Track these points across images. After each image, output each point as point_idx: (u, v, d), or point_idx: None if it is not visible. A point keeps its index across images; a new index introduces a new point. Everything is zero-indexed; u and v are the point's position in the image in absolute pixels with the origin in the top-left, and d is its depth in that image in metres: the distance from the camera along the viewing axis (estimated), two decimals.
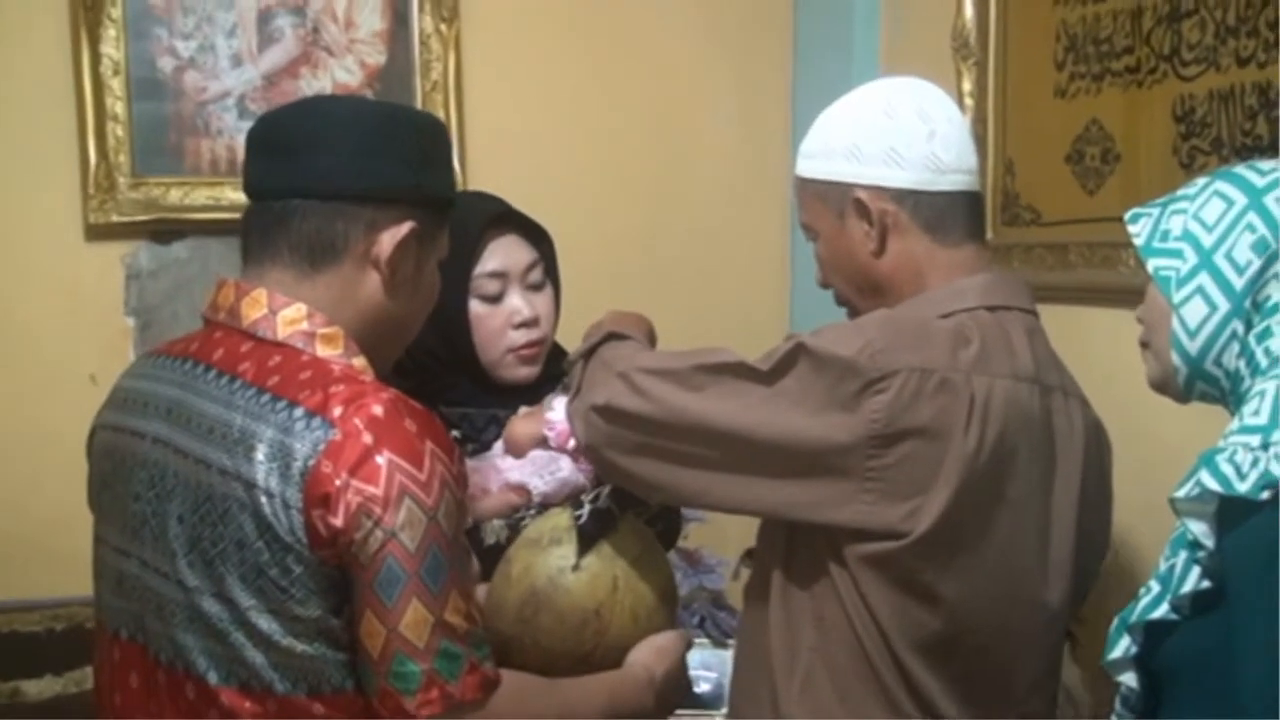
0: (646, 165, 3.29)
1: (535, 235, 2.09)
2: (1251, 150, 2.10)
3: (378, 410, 1.42)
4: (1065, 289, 2.53)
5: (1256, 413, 1.41)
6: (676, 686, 1.80)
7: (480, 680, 1.44)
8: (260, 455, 1.42)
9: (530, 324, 2.04)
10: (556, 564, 1.77)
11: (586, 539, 1.79)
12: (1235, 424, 1.43)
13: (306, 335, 1.50)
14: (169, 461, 1.50)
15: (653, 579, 1.81)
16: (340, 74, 3.04)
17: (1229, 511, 1.39)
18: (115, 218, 2.89)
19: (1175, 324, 1.52)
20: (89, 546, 1.68)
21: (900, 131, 1.73)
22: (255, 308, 1.52)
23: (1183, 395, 1.58)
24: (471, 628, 1.44)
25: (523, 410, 2.00)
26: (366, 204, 1.53)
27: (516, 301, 2.04)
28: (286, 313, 1.51)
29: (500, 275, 2.03)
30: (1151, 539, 2.36)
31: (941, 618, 1.63)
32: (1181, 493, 1.43)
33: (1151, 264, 1.55)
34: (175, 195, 2.94)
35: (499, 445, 1.99)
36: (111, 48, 2.86)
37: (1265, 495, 1.35)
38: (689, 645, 1.86)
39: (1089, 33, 2.47)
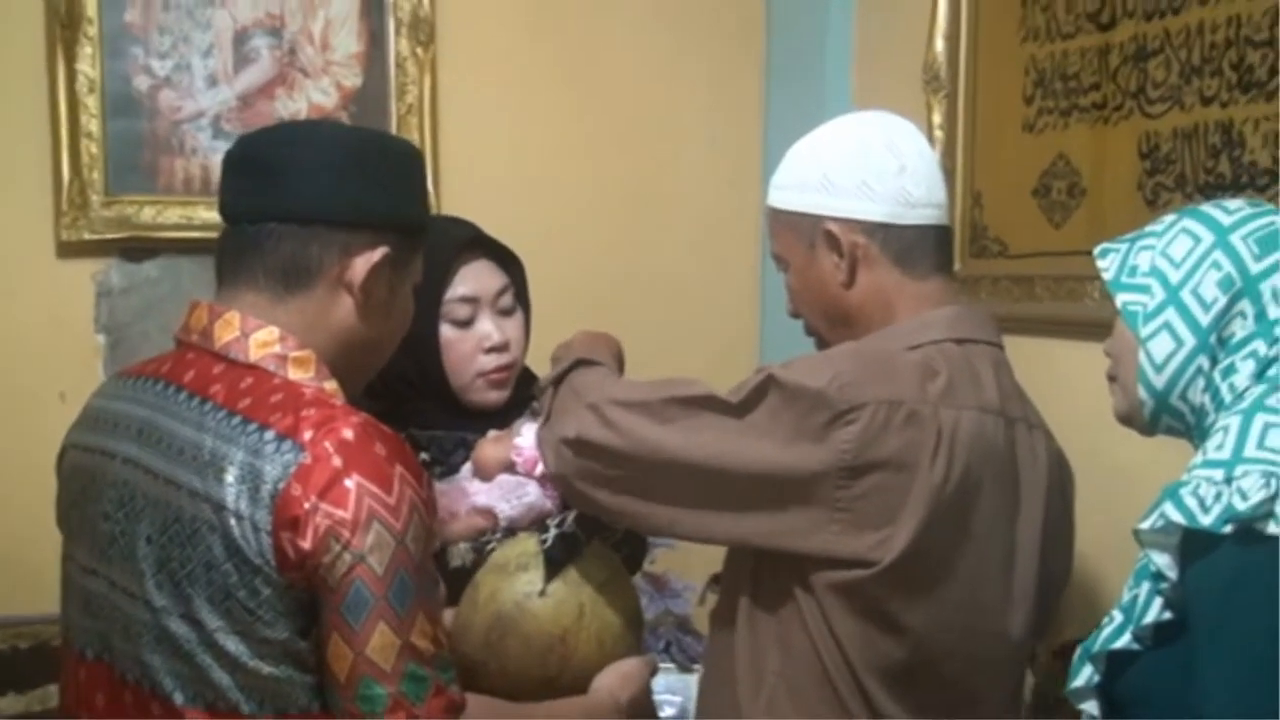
0: (620, 191, 3.31)
1: (506, 260, 2.10)
2: (1214, 188, 2.14)
3: (348, 434, 1.43)
4: (1031, 321, 2.55)
5: (1220, 447, 1.42)
6: (642, 711, 1.80)
7: (446, 703, 1.44)
8: (230, 477, 1.42)
9: (500, 349, 2.05)
10: (523, 589, 1.78)
11: (553, 565, 1.79)
12: (1199, 457, 1.45)
13: (278, 358, 1.51)
14: (139, 482, 1.50)
15: (619, 605, 1.82)
16: (316, 95, 3.05)
17: (1192, 544, 1.41)
18: (87, 235, 2.89)
19: (1142, 358, 1.55)
20: (56, 564, 1.68)
21: (872, 165, 1.75)
22: (228, 330, 1.53)
23: (1148, 428, 1.61)
24: (438, 651, 1.45)
25: (491, 434, 2.01)
26: (341, 228, 1.54)
27: (487, 326, 2.05)
28: (259, 335, 1.51)
29: (471, 300, 2.04)
30: (1113, 569, 2.39)
31: (906, 647, 1.65)
32: (1145, 524, 1.45)
33: (1120, 298, 1.57)
34: (148, 214, 2.94)
35: (467, 468, 2.00)
36: (87, 65, 2.86)
37: (1228, 529, 1.37)
38: (654, 670, 1.87)
39: (1057, 69, 2.51)
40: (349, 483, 1.40)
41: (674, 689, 2.68)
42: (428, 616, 1.44)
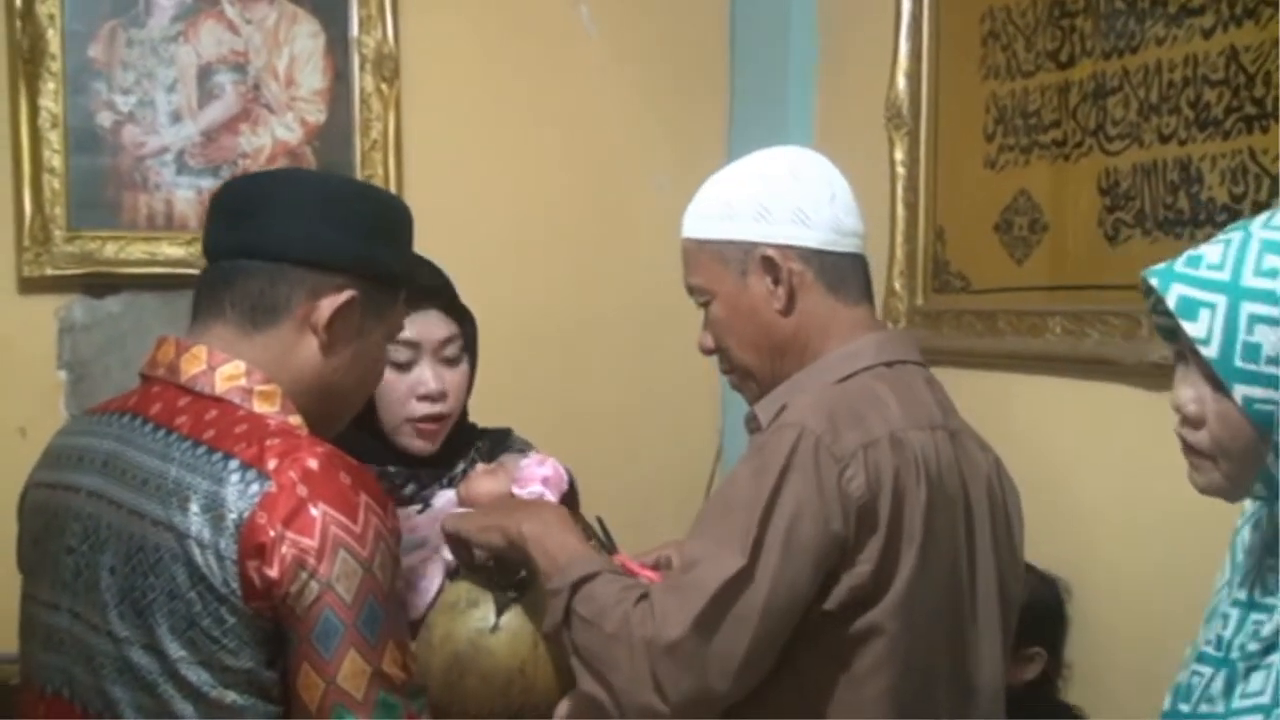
0: (583, 228, 3.32)
1: (460, 314, 2.09)
2: (1174, 223, 2.16)
3: (312, 464, 1.43)
4: (993, 355, 2.57)
5: None
6: None
7: None
8: (194, 506, 1.42)
9: (433, 398, 2.03)
10: (475, 626, 1.77)
11: (502, 599, 1.79)
12: None
13: (244, 391, 1.51)
14: (102, 513, 1.50)
15: None
16: (280, 131, 3.05)
17: None
18: (49, 271, 2.87)
19: (1271, 461, 1.31)
20: (11, 603, 1.66)
21: (807, 193, 1.76)
22: (194, 363, 1.53)
23: (1238, 499, 1.44)
24: (408, 679, 1.45)
25: (481, 467, 2.02)
26: (311, 269, 1.54)
27: (424, 373, 2.03)
28: (225, 369, 1.52)
29: (412, 345, 2.02)
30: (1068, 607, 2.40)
31: (896, 678, 1.65)
32: None
33: (1240, 392, 1.30)
34: (111, 249, 2.93)
35: (443, 500, 2.01)
36: (50, 101, 2.85)
37: None
38: None
39: (1018, 106, 2.54)
40: (315, 511, 1.40)
41: None
42: (397, 644, 1.44)
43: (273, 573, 1.38)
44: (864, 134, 2.89)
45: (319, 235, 1.54)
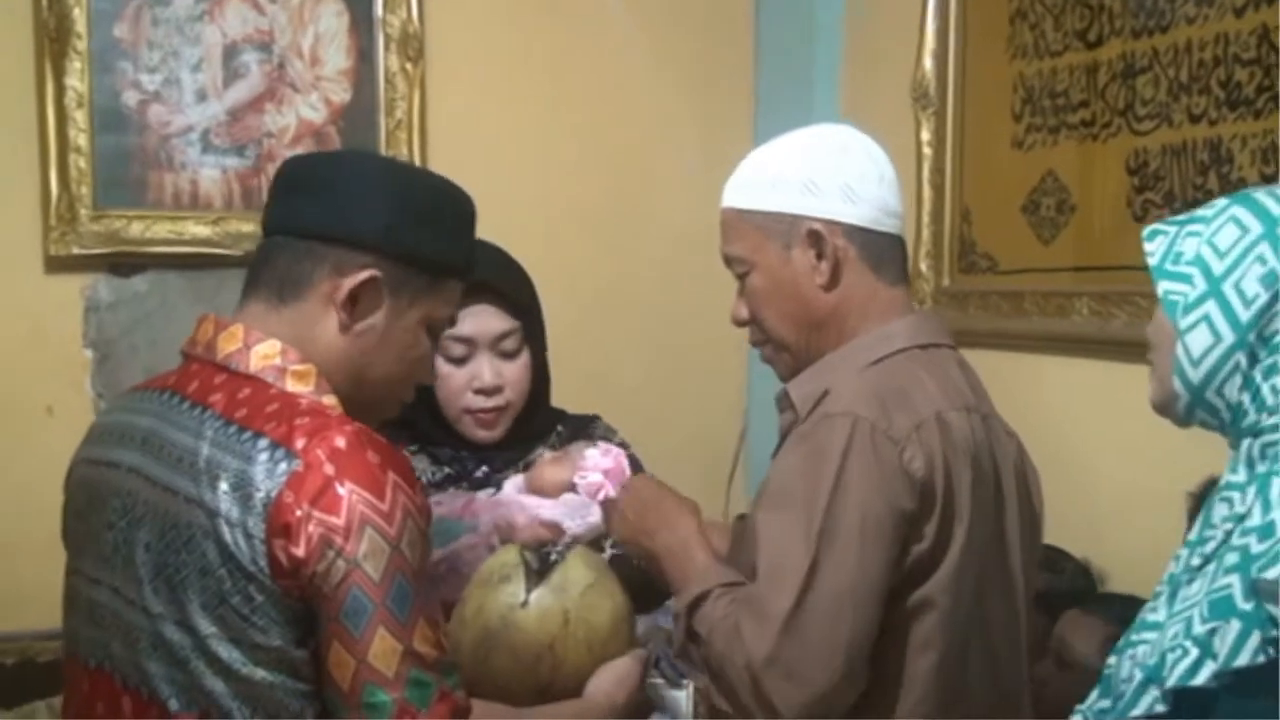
0: (609, 207, 3.31)
1: (518, 305, 2.10)
2: (1203, 204, 2.15)
3: (340, 442, 1.43)
4: (1020, 336, 2.56)
5: None
6: (638, 710, 1.81)
7: (451, 708, 1.44)
8: (224, 484, 1.43)
9: (488, 391, 2.07)
10: (506, 601, 1.78)
11: (533, 574, 1.80)
12: None
13: (278, 370, 1.52)
14: (140, 490, 1.51)
15: (605, 607, 1.82)
16: (305, 111, 3.05)
17: None
18: (76, 250, 2.88)
19: (1179, 350, 1.49)
20: (40, 579, 1.67)
21: (855, 169, 1.76)
22: (231, 342, 1.54)
23: (1182, 420, 1.55)
24: (441, 655, 1.45)
25: (548, 455, 2.08)
26: (335, 245, 1.54)
27: (480, 367, 2.07)
28: (260, 348, 1.52)
29: (467, 340, 2.06)
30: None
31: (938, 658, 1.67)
32: (1272, 574, 1.35)
33: (1161, 286, 1.51)
34: (136, 228, 2.94)
35: (512, 485, 2.06)
36: (76, 80, 2.86)
37: None
38: (649, 665, 1.87)
39: (1046, 86, 2.52)
40: (342, 490, 1.40)
41: (664, 705, 2.67)
42: (429, 621, 1.44)
43: (299, 551, 1.39)
44: (890, 114, 2.87)
45: (347, 212, 1.54)
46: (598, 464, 2.03)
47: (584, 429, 2.21)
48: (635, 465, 2.14)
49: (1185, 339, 1.47)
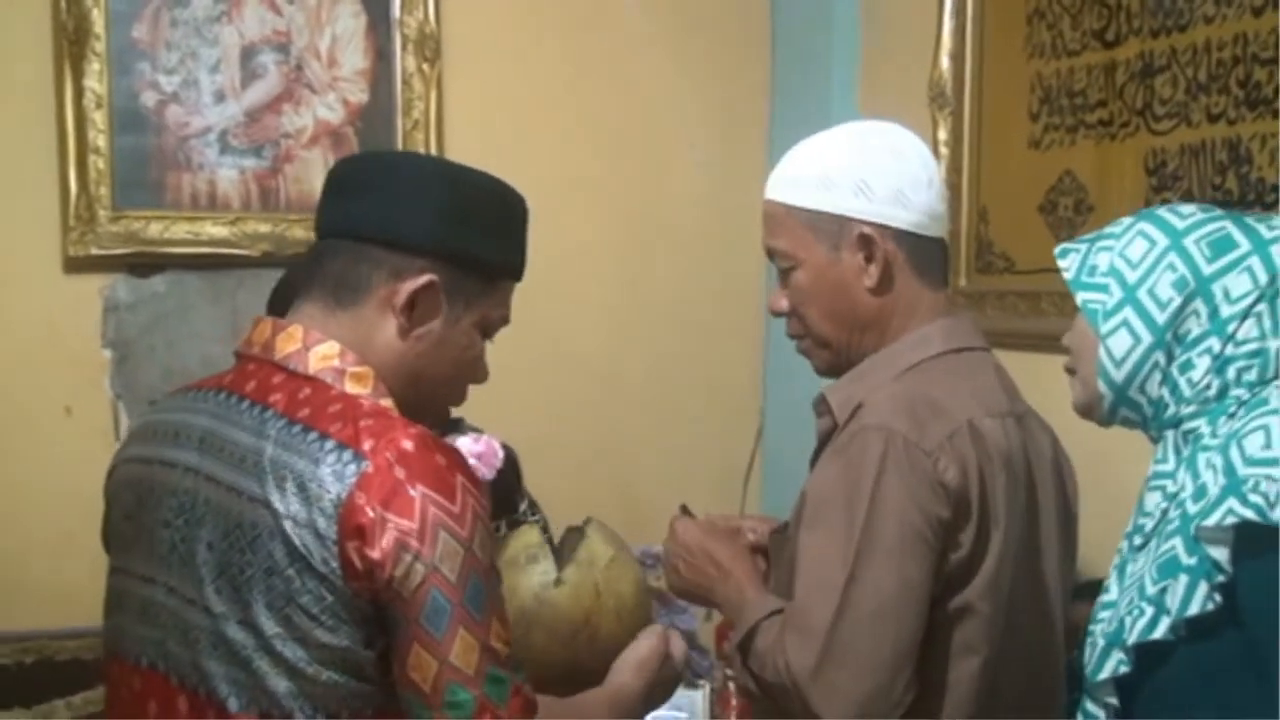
0: (625, 208, 3.32)
1: None
2: (1222, 204, 2.14)
3: (408, 445, 1.44)
4: (1037, 337, 2.55)
5: (1267, 446, 1.49)
6: (665, 684, 1.82)
7: (524, 703, 1.47)
8: (291, 485, 1.43)
9: None
10: (539, 580, 1.80)
11: (562, 552, 1.83)
12: (1238, 457, 1.50)
13: (337, 372, 1.52)
14: (200, 489, 1.51)
15: (629, 577, 1.86)
16: (323, 111, 3.06)
17: (1251, 540, 1.47)
18: (94, 250, 2.90)
19: (1101, 354, 1.62)
20: (57, 578, 1.67)
21: (908, 174, 1.76)
22: (290, 342, 1.54)
23: (1105, 420, 1.69)
24: (511, 652, 1.47)
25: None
26: (393, 250, 1.54)
27: None
28: (320, 349, 1.53)
29: None
30: None
31: (979, 668, 1.68)
32: (1211, 521, 1.49)
33: (1080, 296, 1.65)
34: (155, 229, 2.95)
35: None
36: (95, 81, 2.87)
37: None
38: (666, 640, 1.87)
39: (1063, 86, 2.51)
40: (413, 493, 1.41)
41: (679, 705, 2.67)
42: (500, 618, 1.46)
43: (375, 554, 1.40)
44: (907, 114, 2.85)
45: (402, 216, 1.54)
46: (470, 450, 2.13)
47: (455, 429, 2.25)
48: (509, 453, 2.17)
49: (1107, 343, 1.62)
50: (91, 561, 1.73)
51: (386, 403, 1.53)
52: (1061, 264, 1.69)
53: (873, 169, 1.75)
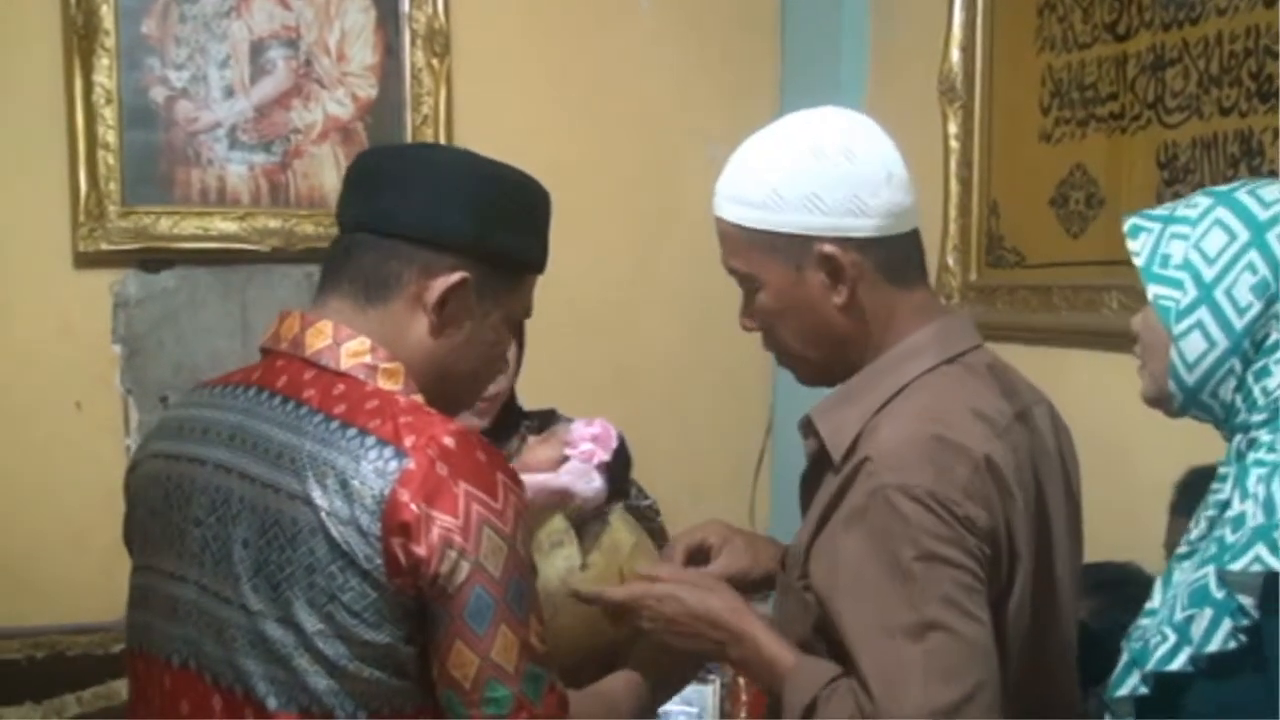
0: (634, 203, 3.32)
1: None
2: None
3: (449, 441, 1.43)
4: (1048, 331, 2.55)
5: None
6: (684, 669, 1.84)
7: (558, 700, 1.47)
8: (331, 481, 1.42)
9: None
10: (564, 565, 1.82)
11: (587, 537, 1.85)
12: (1279, 490, 1.43)
13: (369, 368, 1.51)
14: (233, 486, 1.49)
15: (649, 563, 1.86)
16: (332, 106, 3.06)
17: (1273, 590, 1.41)
18: (104, 246, 2.90)
19: (1174, 354, 1.53)
20: (68, 574, 1.66)
21: (862, 177, 1.61)
22: (320, 338, 1.53)
23: (1175, 415, 1.60)
24: (547, 650, 1.47)
25: (534, 439, 2.14)
26: (423, 247, 1.53)
27: None
28: (350, 345, 1.52)
29: None
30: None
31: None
32: (1237, 566, 1.43)
33: (1152, 290, 1.54)
34: (165, 224, 2.95)
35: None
36: (104, 77, 2.87)
37: None
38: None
39: (1074, 79, 2.50)
40: (457, 490, 1.41)
41: (689, 699, 2.67)
42: (538, 618, 1.47)
43: (420, 550, 1.39)
44: (917, 107, 2.86)
45: (434, 213, 1.53)
46: (583, 433, 2.11)
47: (550, 419, 2.24)
48: (620, 436, 2.17)
49: (1180, 344, 1.52)
50: (102, 556, 1.73)
51: (417, 398, 1.52)
52: (1132, 246, 1.56)
53: (822, 179, 1.61)
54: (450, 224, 1.54)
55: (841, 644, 1.56)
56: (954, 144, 2.82)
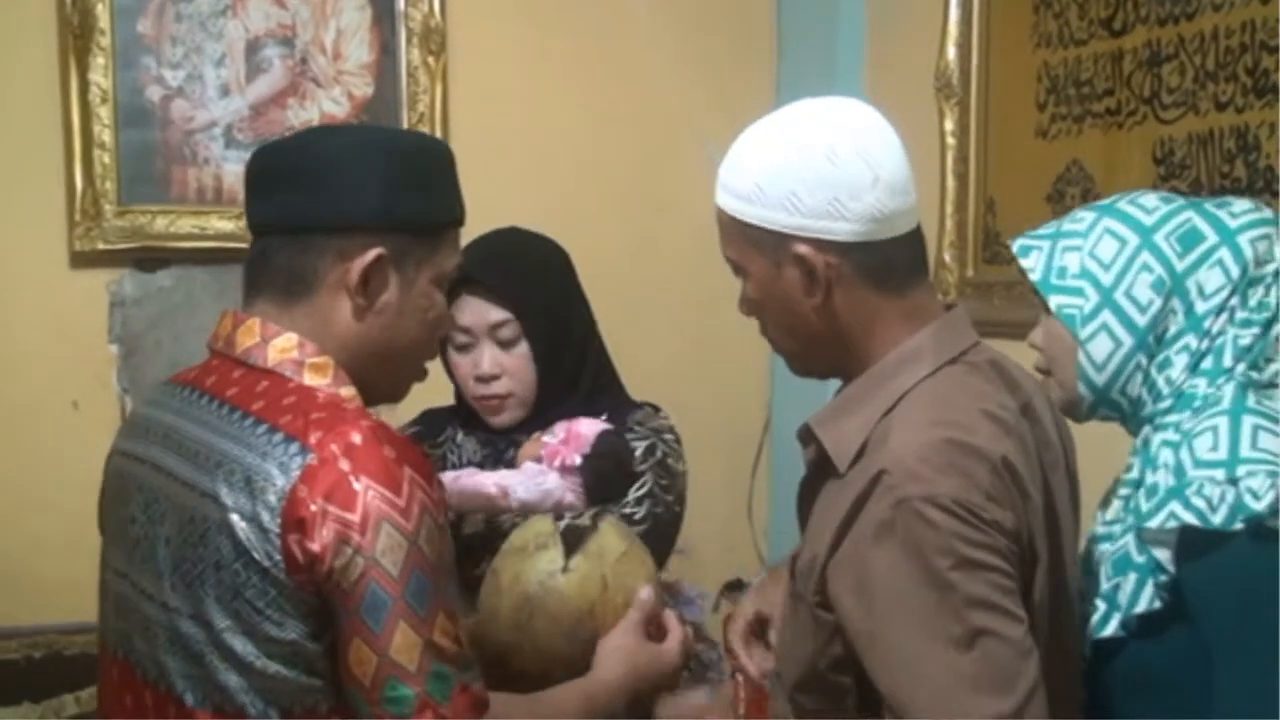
0: (631, 201, 3.32)
1: (509, 295, 2.10)
2: (1230, 192, 2.13)
3: (356, 437, 1.43)
4: None
5: (1214, 448, 1.51)
6: (660, 675, 1.81)
7: (471, 701, 1.45)
8: (238, 478, 1.43)
9: (485, 379, 2.11)
10: (546, 568, 1.81)
11: (572, 541, 1.83)
12: (1188, 458, 1.52)
13: (296, 364, 1.51)
14: (161, 485, 1.51)
15: (639, 573, 1.85)
16: (328, 105, 3.05)
17: (1193, 541, 1.49)
18: (101, 245, 2.90)
19: (1082, 358, 1.62)
20: (66, 573, 1.68)
21: (844, 180, 1.56)
22: (249, 336, 1.54)
23: (1084, 418, 1.70)
24: (460, 650, 1.45)
25: (535, 435, 2.11)
26: (333, 235, 1.53)
27: (479, 355, 2.11)
28: (278, 342, 1.52)
29: (466, 330, 2.09)
30: None
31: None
32: (1154, 524, 1.52)
33: (1054, 301, 1.63)
34: (161, 224, 2.95)
35: (528, 465, 2.10)
36: (100, 76, 2.87)
37: (1239, 526, 1.45)
38: (643, 628, 1.84)
39: (1070, 75, 2.50)
40: (357, 485, 1.40)
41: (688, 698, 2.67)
42: (448, 615, 1.44)
43: (315, 547, 1.39)
44: (914, 104, 2.86)
45: (335, 199, 1.52)
46: (557, 435, 2.07)
47: (622, 415, 2.20)
48: (672, 447, 2.18)
49: (1087, 347, 1.62)
50: (99, 556, 1.74)
51: (347, 391, 1.52)
52: (1024, 263, 1.66)
53: (803, 179, 1.57)
54: (354, 205, 1.53)
55: (874, 665, 1.51)
56: (950, 140, 2.82)
